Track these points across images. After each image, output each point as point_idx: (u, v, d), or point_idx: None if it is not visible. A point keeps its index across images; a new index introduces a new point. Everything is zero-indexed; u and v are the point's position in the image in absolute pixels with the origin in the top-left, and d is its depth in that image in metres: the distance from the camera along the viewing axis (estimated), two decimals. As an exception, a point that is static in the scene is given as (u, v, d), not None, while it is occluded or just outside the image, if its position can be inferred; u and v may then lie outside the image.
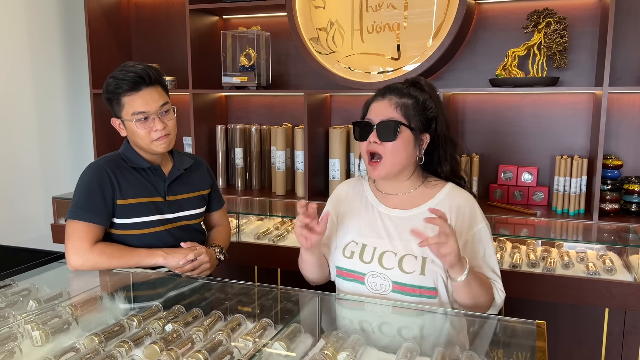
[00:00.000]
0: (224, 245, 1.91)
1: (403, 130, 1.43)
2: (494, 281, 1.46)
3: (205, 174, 1.92)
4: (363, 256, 1.48)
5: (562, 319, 2.35)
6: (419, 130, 1.45)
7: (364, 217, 1.54)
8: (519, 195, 2.61)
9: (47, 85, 3.22)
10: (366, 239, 1.50)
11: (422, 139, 1.48)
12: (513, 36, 2.60)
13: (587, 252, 2.16)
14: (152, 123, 1.67)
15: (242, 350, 1.21)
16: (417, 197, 1.51)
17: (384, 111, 1.45)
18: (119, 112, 1.69)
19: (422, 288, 1.41)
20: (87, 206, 1.65)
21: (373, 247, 1.48)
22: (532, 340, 1.20)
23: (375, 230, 1.50)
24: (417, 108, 1.45)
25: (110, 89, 1.66)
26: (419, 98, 1.46)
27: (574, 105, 2.59)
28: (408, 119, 1.44)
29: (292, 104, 3.08)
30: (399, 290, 1.42)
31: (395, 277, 1.43)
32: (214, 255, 1.82)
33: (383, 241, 1.47)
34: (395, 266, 1.43)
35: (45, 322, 1.31)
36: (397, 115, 1.44)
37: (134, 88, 1.64)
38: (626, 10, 2.43)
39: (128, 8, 3.34)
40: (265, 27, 2.99)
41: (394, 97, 1.46)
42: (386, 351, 1.23)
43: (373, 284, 1.46)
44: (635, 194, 2.36)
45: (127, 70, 1.65)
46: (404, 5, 2.53)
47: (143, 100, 1.65)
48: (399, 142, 1.43)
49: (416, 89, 1.48)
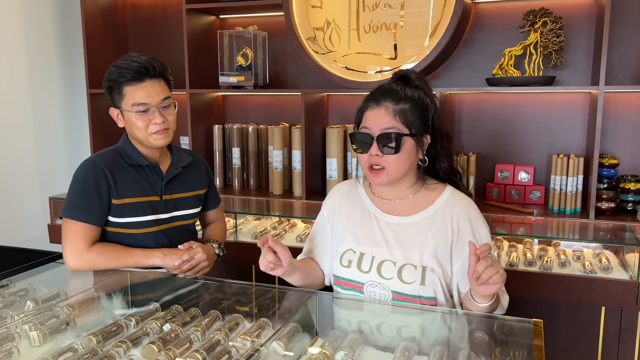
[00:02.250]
0: (220, 241, 1.90)
1: (406, 140, 1.38)
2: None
3: (203, 173, 1.90)
4: (361, 265, 1.45)
5: (559, 317, 2.36)
6: (420, 135, 1.40)
7: (360, 223, 1.50)
8: (515, 194, 2.61)
9: (44, 85, 3.21)
10: (364, 247, 1.47)
11: (424, 141, 1.43)
12: (509, 35, 2.60)
13: (584, 251, 2.17)
14: (151, 116, 1.64)
15: (240, 350, 1.21)
16: (416, 202, 1.47)
17: (382, 120, 1.38)
18: (119, 101, 1.66)
19: (422, 298, 1.39)
20: (83, 205, 1.63)
21: (371, 256, 1.44)
22: (529, 338, 1.20)
23: (373, 238, 1.47)
24: (415, 111, 1.39)
25: (113, 77, 1.64)
26: (415, 98, 1.39)
27: (570, 104, 2.60)
28: (409, 126, 1.38)
29: (289, 104, 3.08)
30: (398, 299, 1.40)
31: (395, 287, 1.40)
32: (212, 251, 1.81)
33: (381, 249, 1.44)
34: (394, 276, 1.40)
35: (43, 322, 1.30)
36: (398, 125, 1.37)
37: (137, 78, 1.62)
38: (622, 9, 2.44)
39: (125, 7, 3.33)
40: (262, 27, 2.99)
41: (390, 104, 1.38)
42: (384, 350, 1.23)
43: (372, 294, 1.43)
44: (631, 193, 2.37)
45: (132, 60, 1.63)
46: (400, 5, 2.54)
47: (145, 91, 1.63)
48: (402, 154, 1.38)
49: (411, 88, 1.41)
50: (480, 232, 1.44)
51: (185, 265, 1.69)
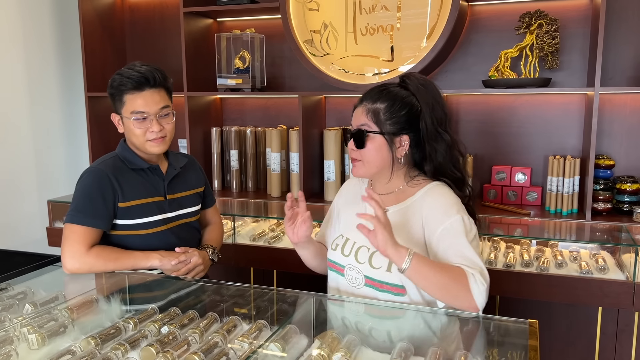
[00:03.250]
0: (216, 245, 1.93)
1: (372, 137, 1.46)
2: (469, 271, 1.33)
3: (199, 172, 1.96)
4: (344, 250, 1.54)
5: (556, 318, 2.37)
6: (392, 134, 1.45)
7: (353, 212, 1.54)
8: (512, 195, 2.62)
9: (42, 88, 3.21)
10: (350, 233, 1.54)
11: (398, 142, 1.47)
12: (505, 37, 2.61)
13: (580, 252, 2.18)
14: (149, 124, 1.69)
15: (238, 352, 1.21)
16: (399, 196, 1.52)
17: (358, 118, 1.49)
18: (120, 108, 1.71)
19: (388, 284, 1.43)
20: (85, 210, 1.66)
21: (353, 241, 1.53)
22: (524, 339, 1.21)
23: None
24: (389, 112, 1.45)
25: (115, 84, 1.70)
26: (394, 99, 1.45)
27: (566, 105, 2.61)
28: (379, 125, 1.45)
29: (286, 106, 3.09)
30: (370, 284, 1.46)
31: (366, 272, 1.47)
32: (207, 256, 1.84)
33: (361, 236, 1.45)
34: (366, 261, 1.47)
35: (41, 325, 1.31)
36: (367, 122, 1.46)
37: (137, 87, 1.67)
38: (617, 11, 2.45)
39: (122, 11, 3.34)
40: (259, 30, 3.00)
41: (368, 103, 1.48)
42: (381, 351, 1.24)
43: (350, 277, 1.51)
44: (628, 194, 2.38)
45: (134, 69, 1.68)
46: (397, 7, 2.55)
47: (144, 100, 1.68)
48: (370, 149, 1.47)
49: (400, 89, 1.47)
50: (451, 218, 1.40)
51: (183, 268, 1.72)
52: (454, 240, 1.39)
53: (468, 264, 1.35)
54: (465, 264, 1.35)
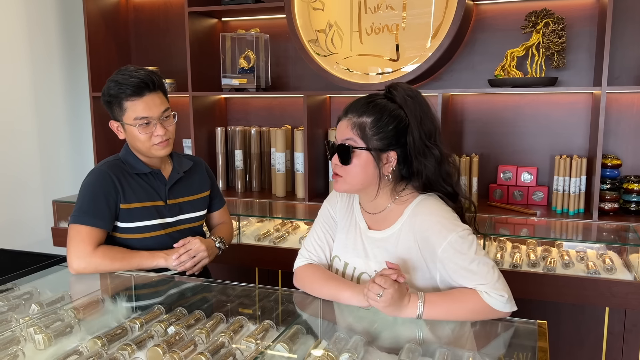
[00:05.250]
0: (224, 237, 1.91)
1: (358, 153, 1.39)
2: (481, 289, 1.31)
3: (205, 175, 1.93)
4: (345, 274, 1.51)
5: (563, 318, 2.35)
6: (379, 150, 1.38)
7: (348, 233, 1.54)
8: (518, 195, 2.61)
9: (47, 88, 3.22)
10: (348, 257, 1.52)
11: (385, 158, 1.40)
12: (511, 37, 2.60)
13: (587, 252, 2.16)
14: (153, 128, 1.69)
15: (245, 352, 1.21)
16: (388, 216, 1.46)
17: (343, 132, 1.42)
18: (120, 115, 1.70)
19: None
20: (90, 210, 1.66)
21: (353, 267, 1.50)
22: (533, 340, 1.20)
23: (355, 249, 1.50)
24: (376, 127, 1.37)
25: (112, 92, 1.66)
26: (381, 113, 1.38)
27: (572, 105, 2.59)
28: (365, 140, 1.38)
29: (291, 106, 3.09)
30: None
31: None
32: (212, 244, 1.82)
33: (361, 261, 1.48)
34: None
35: (47, 325, 1.31)
36: (353, 137, 1.39)
37: (137, 93, 1.65)
38: (624, 10, 2.44)
39: (127, 11, 3.34)
40: (264, 29, 2.99)
41: (353, 117, 1.41)
42: (388, 352, 1.23)
43: None
44: (635, 193, 2.37)
45: (130, 75, 1.65)
46: (402, 6, 2.54)
47: (146, 105, 1.66)
48: (355, 166, 1.39)
49: (387, 101, 1.40)
50: (447, 238, 1.34)
51: (184, 256, 1.70)
52: (457, 260, 1.33)
53: (479, 280, 1.31)
54: (477, 282, 1.31)
